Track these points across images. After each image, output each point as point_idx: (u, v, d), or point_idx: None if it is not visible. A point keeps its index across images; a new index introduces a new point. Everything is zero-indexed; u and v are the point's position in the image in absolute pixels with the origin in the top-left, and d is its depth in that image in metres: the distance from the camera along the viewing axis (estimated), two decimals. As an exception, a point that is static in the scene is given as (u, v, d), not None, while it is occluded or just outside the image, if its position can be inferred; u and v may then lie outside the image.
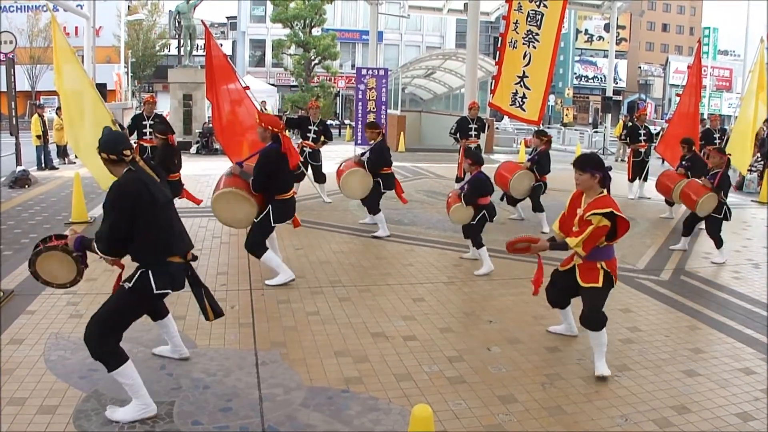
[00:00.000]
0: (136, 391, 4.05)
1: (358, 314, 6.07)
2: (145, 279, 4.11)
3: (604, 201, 4.89)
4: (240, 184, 6.92)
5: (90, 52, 21.24)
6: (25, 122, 27.01)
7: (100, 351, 4.01)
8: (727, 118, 46.21)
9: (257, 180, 6.77)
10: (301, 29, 38.96)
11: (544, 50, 11.69)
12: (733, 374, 5.03)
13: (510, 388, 4.65)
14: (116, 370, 4.00)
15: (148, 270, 4.11)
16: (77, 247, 4.21)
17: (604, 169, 4.96)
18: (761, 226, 11.54)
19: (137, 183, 4.05)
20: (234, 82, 9.66)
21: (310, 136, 11.72)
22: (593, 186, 4.94)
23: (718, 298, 7.03)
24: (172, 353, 4.93)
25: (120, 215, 4.01)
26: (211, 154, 21.05)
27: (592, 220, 4.82)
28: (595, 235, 4.82)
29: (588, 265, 4.99)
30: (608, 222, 4.82)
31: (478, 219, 7.68)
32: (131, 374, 4.04)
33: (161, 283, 4.14)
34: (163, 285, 4.15)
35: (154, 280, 4.11)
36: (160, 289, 4.14)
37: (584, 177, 4.93)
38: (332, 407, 4.26)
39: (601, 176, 4.92)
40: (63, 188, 13.27)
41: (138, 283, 4.12)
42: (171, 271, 4.21)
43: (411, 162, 19.45)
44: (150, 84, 54.34)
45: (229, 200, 6.96)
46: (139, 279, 4.12)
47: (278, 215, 6.94)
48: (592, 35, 66.20)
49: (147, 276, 4.11)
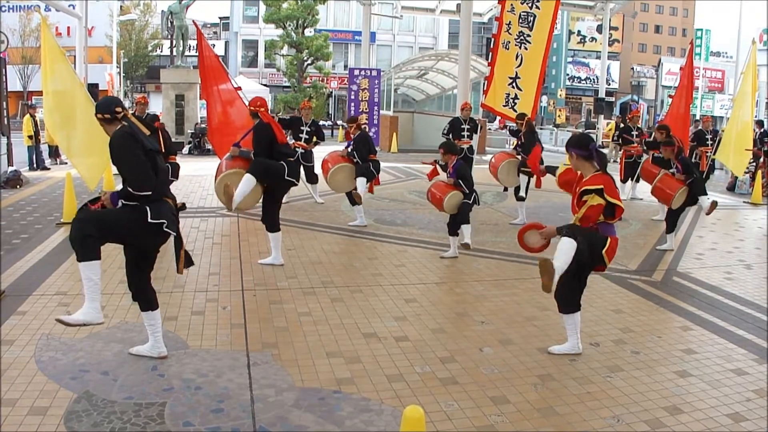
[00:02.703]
0: (94, 291, 4.33)
1: (350, 315, 6.06)
2: (141, 208, 4.45)
3: (596, 178, 4.96)
4: (242, 165, 7.34)
5: (82, 52, 21.09)
6: (16, 122, 26.93)
7: (81, 237, 4.26)
8: (719, 119, 46.46)
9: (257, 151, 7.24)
10: (294, 30, 39.00)
11: (535, 51, 11.75)
12: (725, 375, 5.03)
13: (502, 389, 4.65)
14: (86, 262, 4.26)
15: (145, 205, 4.46)
16: (114, 201, 4.50)
17: (586, 147, 5.04)
18: (753, 227, 11.59)
19: (129, 133, 4.44)
20: (226, 82, 9.66)
21: (302, 137, 11.70)
22: (583, 165, 5.06)
23: (711, 299, 7.05)
24: (150, 351, 4.88)
25: (132, 154, 4.39)
26: (203, 154, 21.00)
27: (587, 199, 4.89)
28: (590, 213, 4.90)
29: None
30: (602, 200, 4.88)
31: (472, 199, 8.07)
32: (97, 272, 4.34)
33: (156, 214, 4.46)
34: (158, 216, 4.46)
35: (150, 211, 4.44)
36: (155, 219, 4.44)
37: (573, 158, 5.10)
38: (324, 408, 4.24)
39: (585, 154, 5.02)
40: (54, 189, 13.22)
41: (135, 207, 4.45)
42: (165, 209, 4.56)
43: (403, 163, 19.45)
44: (142, 84, 54.25)
45: (234, 182, 7.20)
46: (136, 206, 4.46)
47: (291, 172, 7.34)
48: (585, 36, 66.39)
49: (143, 208, 4.44)
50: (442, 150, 8.11)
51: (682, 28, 75.18)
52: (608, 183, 4.94)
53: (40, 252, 7.98)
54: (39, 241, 8.50)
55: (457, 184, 7.96)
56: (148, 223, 4.43)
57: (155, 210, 4.46)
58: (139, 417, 4.03)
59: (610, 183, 4.96)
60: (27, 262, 7.49)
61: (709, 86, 64.64)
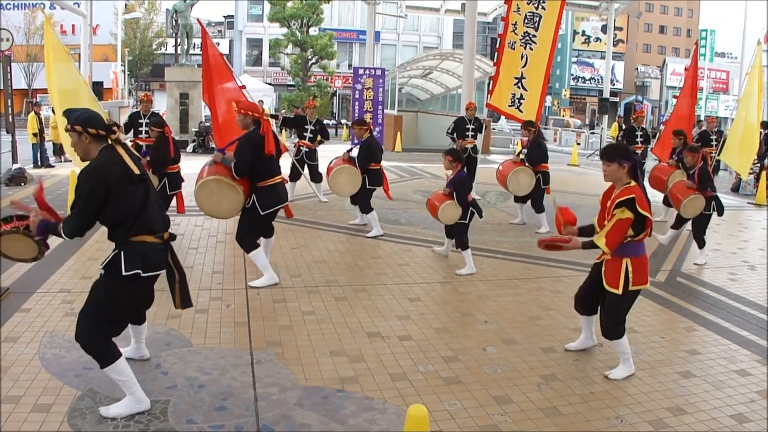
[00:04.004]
0: (129, 387, 4.03)
1: (353, 314, 6.07)
2: (116, 260, 4.00)
3: (629, 190, 4.65)
4: (223, 172, 6.69)
5: (87, 50, 21.15)
6: (21, 120, 26.97)
7: (92, 346, 3.99)
8: (724, 120, 46.33)
9: (239, 164, 6.55)
10: (299, 29, 39.00)
11: (541, 52, 11.73)
12: (729, 376, 5.03)
13: (505, 388, 4.65)
14: (109, 366, 3.97)
15: (120, 251, 4.01)
16: (40, 231, 4.06)
17: (632, 158, 4.75)
18: (757, 228, 11.57)
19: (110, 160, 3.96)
20: (230, 81, 9.65)
21: (307, 135, 11.71)
22: (621, 177, 4.72)
23: (714, 300, 7.04)
24: (133, 353, 4.80)
25: (91, 197, 3.89)
26: (208, 153, 21.00)
27: (616, 213, 4.60)
28: (618, 228, 4.60)
29: (613, 262, 4.76)
30: (631, 214, 4.57)
31: (469, 217, 7.71)
32: (124, 370, 4.02)
33: (130, 263, 3.98)
34: (132, 266, 3.98)
35: (124, 260, 3.97)
36: (129, 270, 3.96)
37: (612, 167, 4.72)
38: (327, 407, 4.25)
39: (630, 165, 4.70)
40: (59, 186, 13.23)
41: (109, 266, 4.02)
42: (144, 251, 4.05)
43: (407, 162, 19.44)
44: (147, 82, 54.32)
45: (213, 189, 6.70)
46: (110, 262, 4.02)
47: (265, 202, 6.69)
48: (590, 37, 66.22)
49: (119, 257, 3.99)
50: (450, 157, 7.72)
51: (687, 28, 74.96)
52: (639, 193, 4.63)
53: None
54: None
55: (452, 195, 7.70)
56: (124, 276, 3.99)
57: (129, 260, 3.99)
58: (143, 414, 4.04)
59: (641, 193, 4.65)
60: (31, 259, 7.49)
61: (713, 87, 64.48)
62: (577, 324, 5.55)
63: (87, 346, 3.99)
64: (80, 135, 3.97)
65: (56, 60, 9.12)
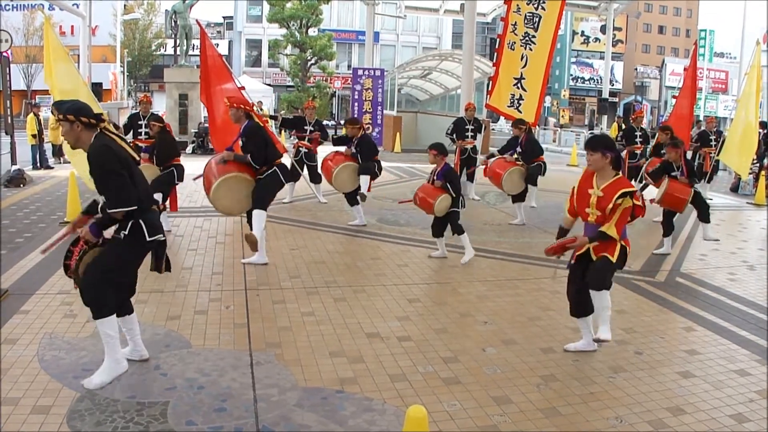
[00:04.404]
0: (113, 347, 4.29)
1: (353, 314, 6.07)
2: (137, 228, 4.32)
3: (624, 182, 5.10)
4: (238, 168, 7.11)
5: (86, 51, 21.18)
6: (20, 121, 26.97)
7: (95, 297, 4.21)
8: (723, 120, 46.37)
9: (257, 153, 7.06)
10: (298, 29, 39.01)
11: (540, 52, 11.74)
12: (728, 376, 5.03)
13: (505, 389, 4.65)
14: (102, 319, 4.21)
15: (139, 220, 4.33)
16: (95, 234, 4.36)
17: (615, 149, 5.15)
18: (756, 228, 11.57)
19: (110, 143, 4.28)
20: (229, 82, 9.66)
21: (306, 136, 11.70)
22: (605, 166, 5.11)
23: (714, 300, 7.04)
24: (131, 354, 4.79)
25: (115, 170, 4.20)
26: (207, 153, 20.98)
27: (621, 203, 5.00)
28: (624, 217, 5.05)
29: (605, 247, 5.13)
30: (631, 202, 5.04)
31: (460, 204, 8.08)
32: (115, 326, 4.29)
33: (152, 230, 4.38)
34: (154, 232, 4.39)
35: (146, 228, 4.34)
36: (152, 236, 4.36)
37: (596, 156, 5.10)
38: (327, 408, 4.25)
39: (612, 156, 5.09)
40: (58, 188, 13.24)
41: (132, 231, 4.32)
42: (155, 219, 4.47)
43: (407, 163, 19.43)
44: (146, 83, 54.33)
45: (231, 186, 7.11)
46: (132, 228, 4.32)
47: (285, 174, 7.36)
48: (589, 37, 66.23)
49: (139, 225, 4.32)
50: (434, 151, 7.94)
51: (686, 28, 74.98)
52: (631, 185, 5.13)
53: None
54: (42, 240, 8.48)
55: (444, 187, 7.93)
56: (149, 242, 4.40)
57: (151, 227, 4.38)
58: (142, 416, 4.03)
59: (631, 184, 5.15)
60: (30, 261, 7.50)
61: (712, 87, 64.51)
62: (576, 324, 5.55)
63: (87, 291, 4.24)
64: (72, 124, 4.26)
65: (56, 61, 9.13)
